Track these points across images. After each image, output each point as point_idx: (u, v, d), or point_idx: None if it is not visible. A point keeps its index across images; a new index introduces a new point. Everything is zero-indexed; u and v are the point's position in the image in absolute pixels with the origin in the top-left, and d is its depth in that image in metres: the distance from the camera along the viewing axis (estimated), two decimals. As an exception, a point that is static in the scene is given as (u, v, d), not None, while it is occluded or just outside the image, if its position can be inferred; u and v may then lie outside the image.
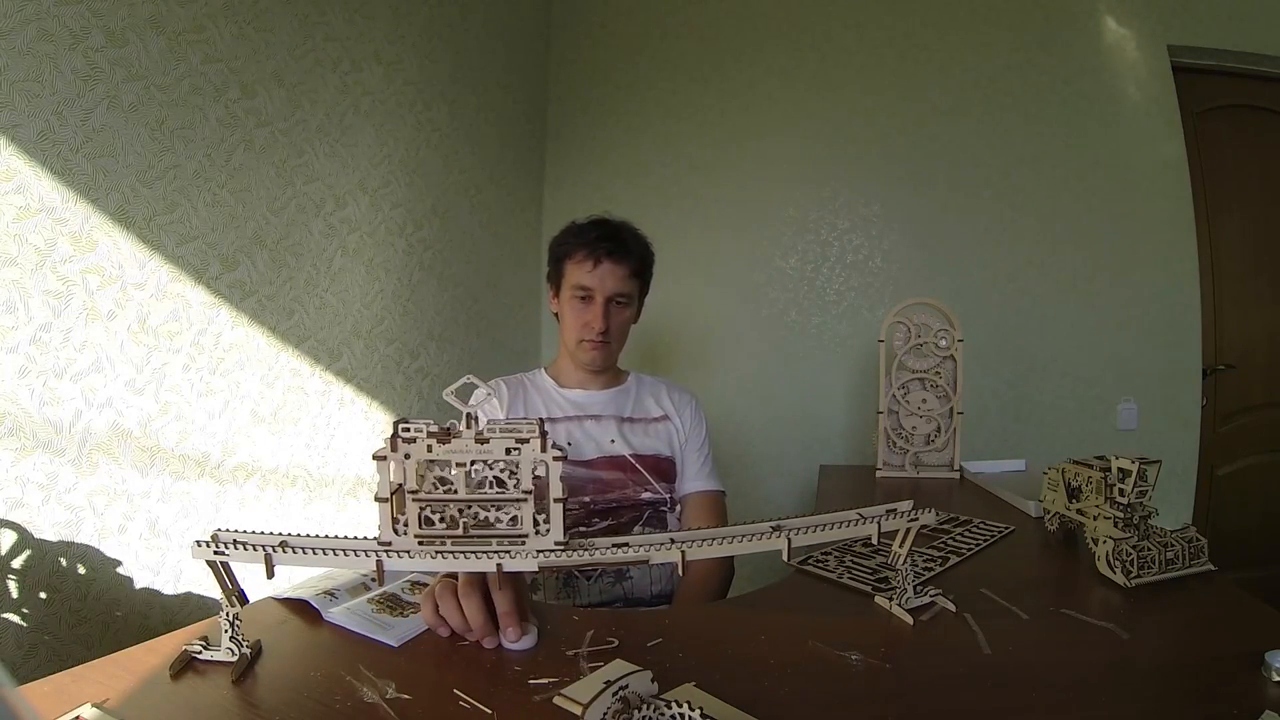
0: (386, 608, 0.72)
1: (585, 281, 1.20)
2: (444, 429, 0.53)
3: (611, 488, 1.19)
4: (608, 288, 1.20)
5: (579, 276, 1.21)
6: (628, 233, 1.25)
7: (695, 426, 1.31)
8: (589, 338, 1.21)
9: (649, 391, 1.33)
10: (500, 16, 2.22)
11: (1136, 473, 0.82)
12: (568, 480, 1.16)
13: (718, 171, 2.39)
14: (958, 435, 1.56)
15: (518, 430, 0.52)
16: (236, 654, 0.61)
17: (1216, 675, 0.59)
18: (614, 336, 1.24)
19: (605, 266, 1.19)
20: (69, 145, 1.03)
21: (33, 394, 1.00)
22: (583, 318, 1.21)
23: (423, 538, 0.53)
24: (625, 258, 1.21)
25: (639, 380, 1.36)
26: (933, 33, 2.24)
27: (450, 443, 0.53)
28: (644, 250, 1.27)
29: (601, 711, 0.47)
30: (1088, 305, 2.15)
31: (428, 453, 0.53)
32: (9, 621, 0.95)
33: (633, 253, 1.23)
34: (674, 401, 1.32)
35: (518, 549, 0.54)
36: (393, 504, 0.54)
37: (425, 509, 0.53)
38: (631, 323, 1.30)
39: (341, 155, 1.57)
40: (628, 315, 1.27)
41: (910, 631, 0.69)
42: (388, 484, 0.54)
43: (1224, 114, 2.20)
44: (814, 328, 2.32)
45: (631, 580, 1.17)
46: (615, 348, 1.26)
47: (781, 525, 0.64)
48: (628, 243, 1.23)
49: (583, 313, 1.22)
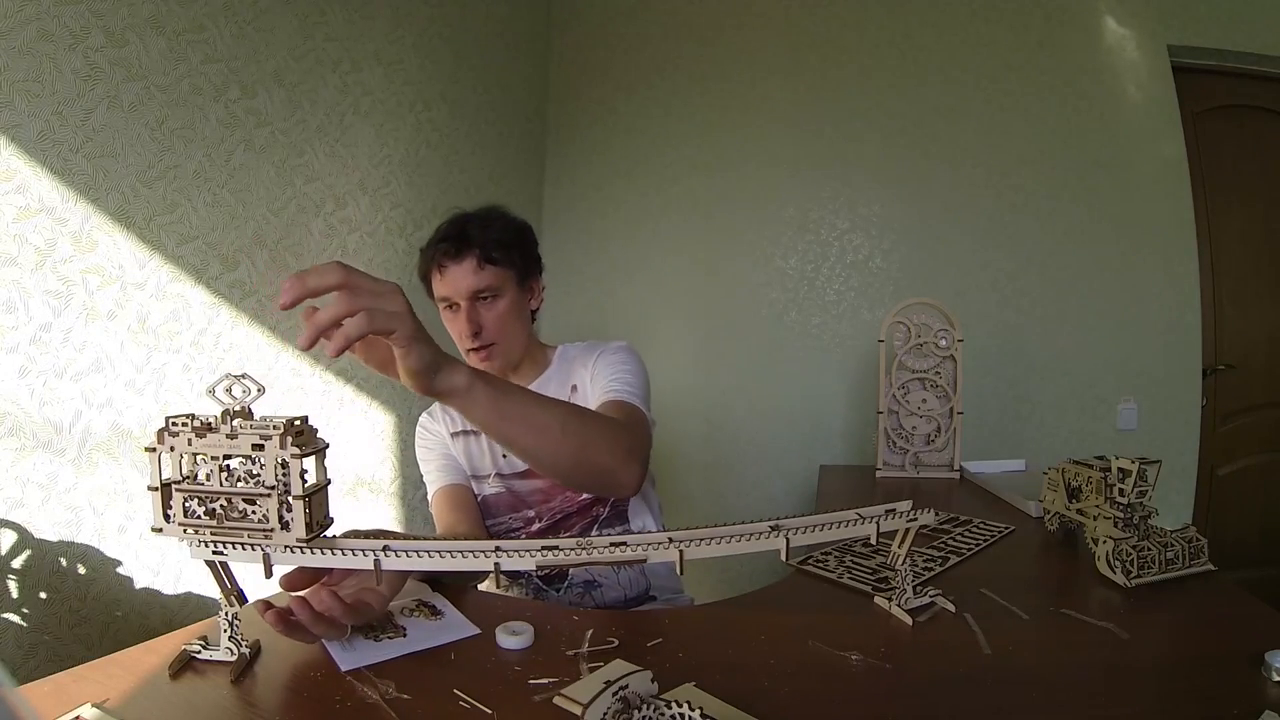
0: (369, 626, 0.70)
1: (441, 291, 1.10)
2: (205, 424, 0.56)
3: (552, 495, 1.12)
4: (462, 290, 1.08)
5: (437, 288, 1.11)
6: (472, 221, 1.11)
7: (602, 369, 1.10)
8: (468, 348, 1.10)
9: (569, 367, 1.17)
10: (500, 16, 2.23)
11: (1136, 473, 0.82)
12: (509, 495, 1.12)
13: (718, 171, 2.39)
14: (958, 435, 1.56)
15: (264, 428, 0.56)
16: (235, 654, 0.61)
17: (1216, 675, 0.59)
18: (495, 336, 1.10)
19: (450, 270, 1.08)
20: (69, 145, 1.03)
21: (33, 394, 1.00)
22: (456, 329, 1.11)
23: (186, 525, 0.57)
24: (465, 250, 1.08)
25: (563, 358, 1.20)
26: (933, 33, 2.24)
27: (206, 437, 0.56)
28: (499, 232, 1.11)
29: (601, 711, 0.47)
30: (1088, 305, 2.15)
31: (188, 446, 0.56)
32: (9, 621, 0.95)
33: (475, 241, 1.08)
34: (590, 363, 1.14)
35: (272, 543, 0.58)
36: (163, 494, 0.57)
37: (186, 499, 0.57)
38: (517, 312, 1.13)
39: (341, 155, 1.57)
40: (502, 307, 1.10)
41: (910, 631, 0.69)
42: (158, 474, 0.57)
43: (1224, 114, 2.20)
44: (814, 328, 2.32)
45: (601, 589, 1.11)
46: (505, 347, 1.12)
47: (780, 525, 0.64)
48: (468, 233, 1.09)
49: (453, 323, 1.11)
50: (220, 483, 0.57)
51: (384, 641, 0.68)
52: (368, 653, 0.65)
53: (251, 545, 0.57)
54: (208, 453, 0.56)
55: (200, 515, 0.57)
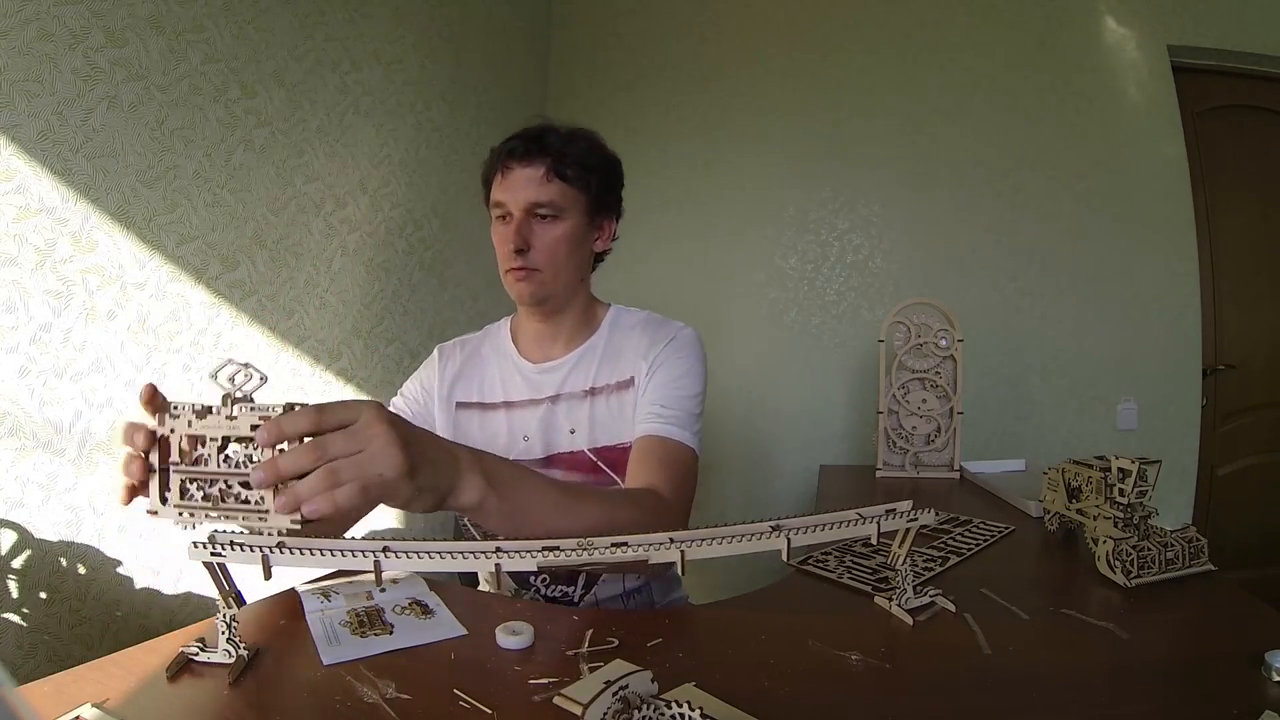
0: (358, 622, 0.71)
1: (496, 195, 0.97)
2: (205, 408, 0.57)
3: None
4: (520, 198, 0.94)
5: (494, 193, 0.98)
6: (554, 131, 0.97)
7: (660, 376, 0.99)
8: (509, 265, 0.97)
9: (620, 344, 1.04)
10: (500, 16, 2.22)
11: (1136, 473, 0.82)
12: None
13: (718, 171, 2.39)
14: (958, 435, 1.56)
15: (265, 410, 0.56)
16: (234, 656, 0.61)
17: (1216, 675, 0.59)
18: (542, 261, 0.96)
19: (514, 173, 0.95)
20: (69, 145, 1.02)
21: (33, 394, 0.99)
22: (500, 241, 0.98)
23: (182, 507, 0.57)
24: (537, 157, 0.94)
25: (615, 325, 1.06)
26: (933, 33, 2.24)
27: (207, 419, 0.56)
28: (581, 151, 0.98)
29: (601, 711, 0.47)
30: (1088, 305, 2.15)
31: (188, 428, 0.57)
32: (9, 621, 0.95)
33: (550, 150, 0.95)
34: (649, 356, 1.01)
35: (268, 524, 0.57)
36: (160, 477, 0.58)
37: (185, 480, 0.58)
38: (575, 243, 0.99)
39: (341, 155, 1.57)
40: (559, 231, 0.96)
41: (910, 631, 0.69)
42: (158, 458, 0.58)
43: (1224, 114, 2.20)
44: (814, 328, 2.32)
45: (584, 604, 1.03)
46: (549, 276, 0.98)
47: (781, 525, 0.64)
48: (546, 139, 0.96)
49: (500, 236, 0.98)
50: (218, 465, 0.57)
51: (370, 638, 0.68)
52: (351, 648, 0.65)
53: (247, 528, 0.57)
54: (207, 434, 0.56)
55: (197, 498, 0.57)
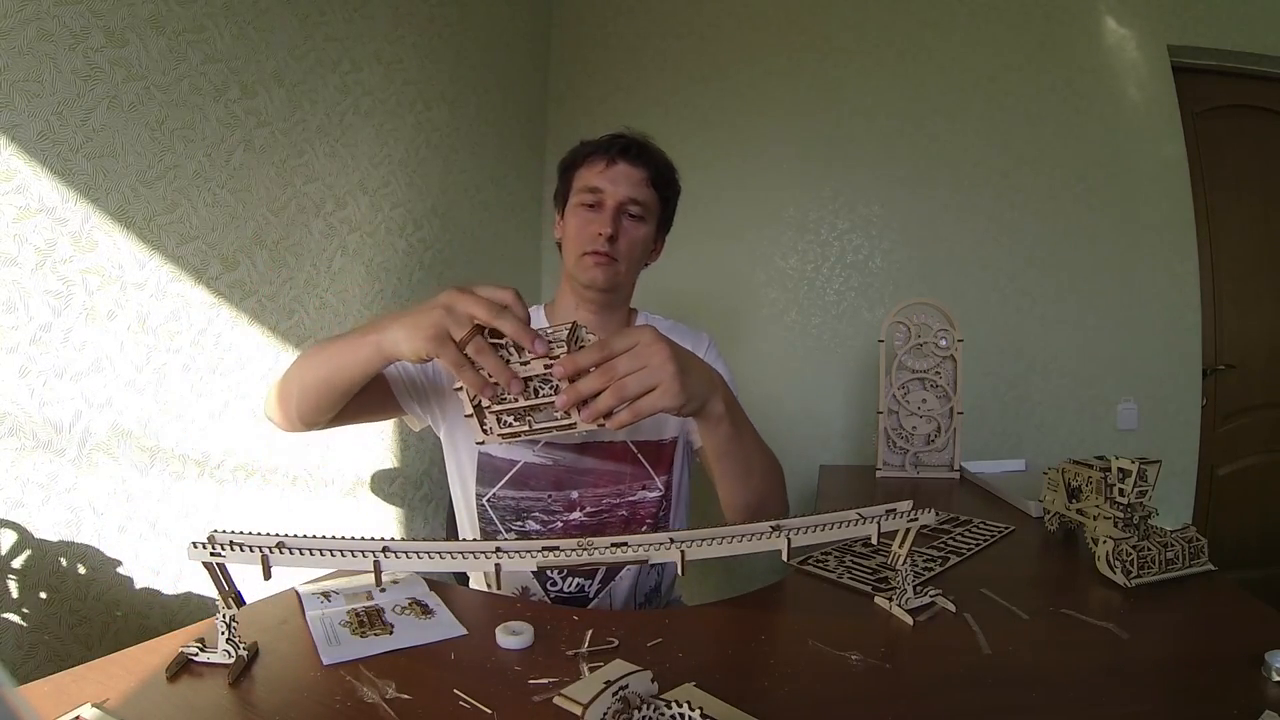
0: (358, 622, 0.70)
1: (595, 182, 1.03)
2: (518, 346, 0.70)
3: (603, 482, 1.03)
4: (620, 192, 1.02)
5: (589, 178, 1.04)
6: (651, 146, 1.09)
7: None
8: (593, 249, 1.01)
9: None
10: (500, 16, 2.22)
11: (1136, 473, 0.82)
12: (555, 470, 1.04)
13: (718, 171, 2.39)
14: (958, 435, 1.56)
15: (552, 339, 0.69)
16: (233, 656, 0.61)
17: (1216, 675, 0.59)
18: (623, 254, 1.04)
19: (620, 168, 1.03)
20: (69, 145, 1.02)
21: (33, 394, 0.99)
22: (589, 227, 1.03)
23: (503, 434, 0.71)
24: (644, 161, 1.05)
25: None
26: (933, 33, 2.24)
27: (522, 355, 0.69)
28: (667, 167, 1.09)
29: (601, 711, 0.47)
30: (1088, 305, 2.15)
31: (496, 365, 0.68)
32: (9, 621, 0.95)
33: (654, 161, 1.06)
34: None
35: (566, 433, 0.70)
36: (478, 414, 0.71)
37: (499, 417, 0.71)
38: (644, 248, 1.09)
39: (341, 155, 1.57)
40: (641, 233, 1.06)
41: (910, 631, 0.69)
42: (468, 404, 0.70)
43: (1224, 114, 2.20)
44: (814, 328, 2.32)
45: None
46: (623, 268, 1.05)
47: (781, 525, 0.64)
48: (650, 150, 1.07)
49: (589, 221, 1.03)
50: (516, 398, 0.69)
51: (370, 638, 0.68)
52: (351, 648, 0.65)
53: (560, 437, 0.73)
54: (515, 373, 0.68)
55: (513, 424, 0.70)
